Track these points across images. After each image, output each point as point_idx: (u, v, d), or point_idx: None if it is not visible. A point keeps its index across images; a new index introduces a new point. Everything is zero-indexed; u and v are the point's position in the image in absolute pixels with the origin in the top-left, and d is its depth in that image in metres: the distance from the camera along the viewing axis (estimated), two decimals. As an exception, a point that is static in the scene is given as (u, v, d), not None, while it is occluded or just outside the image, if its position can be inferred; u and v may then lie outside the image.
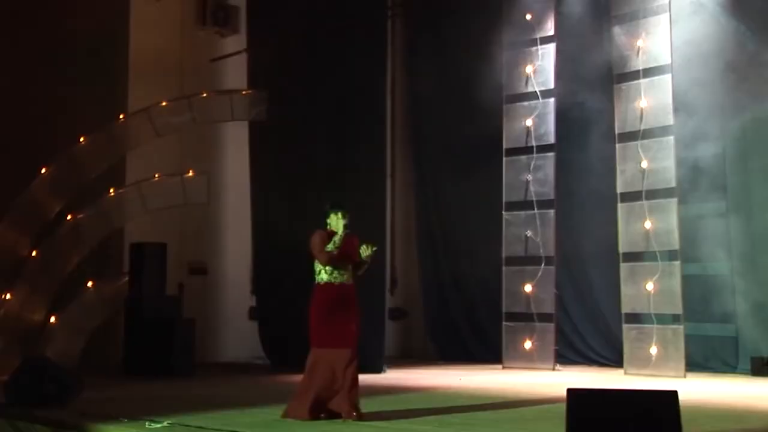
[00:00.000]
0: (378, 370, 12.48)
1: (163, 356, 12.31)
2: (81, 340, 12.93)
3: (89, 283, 13.20)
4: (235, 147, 15.18)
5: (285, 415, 7.76)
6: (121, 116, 13.85)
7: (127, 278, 13.27)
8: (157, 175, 13.67)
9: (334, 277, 7.88)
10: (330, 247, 7.72)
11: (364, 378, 11.73)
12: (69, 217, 13.20)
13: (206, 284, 15.06)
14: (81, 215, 13.22)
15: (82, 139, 13.43)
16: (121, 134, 13.77)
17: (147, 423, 7.49)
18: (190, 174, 13.83)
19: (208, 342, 14.31)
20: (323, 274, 7.88)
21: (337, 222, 7.78)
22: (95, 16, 14.52)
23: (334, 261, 7.76)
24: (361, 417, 7.61)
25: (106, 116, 13.79)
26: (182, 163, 14.35)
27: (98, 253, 13.40)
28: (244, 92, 14.37)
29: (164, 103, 13.78)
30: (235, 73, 15.05)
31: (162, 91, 14.08)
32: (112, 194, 13.54)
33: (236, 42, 15.29)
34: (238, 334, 14.96)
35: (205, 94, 14.15)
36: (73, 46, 14.47)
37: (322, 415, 7.66)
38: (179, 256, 14.36)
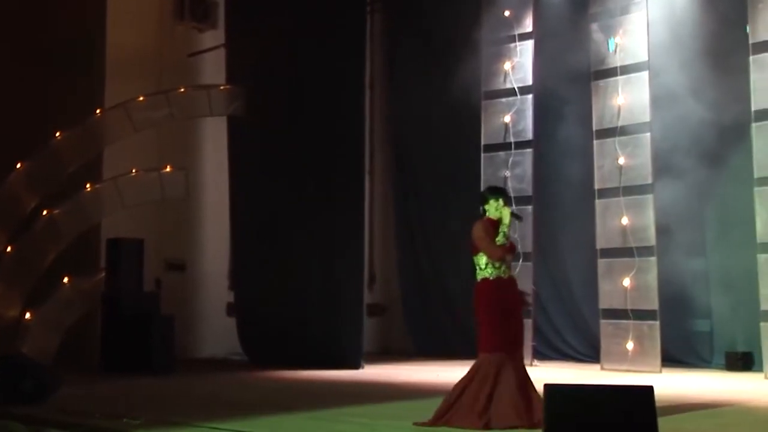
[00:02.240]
0: (356, 366, 12.50)
1: (141, 353, 12.25)
2: (57, 336, 12.83)
3: (65, 279, 13.11)
4: (213, 142, 15.13)
5: (446, 422, 6.81)
6: (98, 111, 13.75)
7: (104, 274, 13.19)
8: (134, 171, 13.58)
9: (503, 271, 6.95)
10: (500, 239, 6.86)
11: (343, 374, 11.84)
12: (45, 212, 13.09)
13: (184, 280, 14.99)
14: (57, 210, 13.12)
15: (58, 134, 13.32)
16: (98, 129, 13.67)
17: (125, 420, 7.47)
18: (168, 169, 13.75)
19: (186, 338, 14.26)
20: (490, 268, 6.94)
21: (498, 209, 6.94)
22: (72, 11, 14.41)
23: (506, 255, 6.92)
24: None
25: (83, 111, 13.68)
26: (160, 159, 14.27)
27: (75, 249, 13.30)
28: (222, 87, 14.31)
29: (142, 98, 13.68)
30: (214, 69, 14.99)
31: (139, 86, 13.99)
32: (89, 189, 13.44)
33: (214, 37, 15.23)
34: (216, 331, 14.92)
35: (183, 89, 14.06)
36: (50, 41, 14.35)
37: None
38: (157, 251, 14.28)
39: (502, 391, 6.67)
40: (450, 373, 12.19)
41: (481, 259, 6.93)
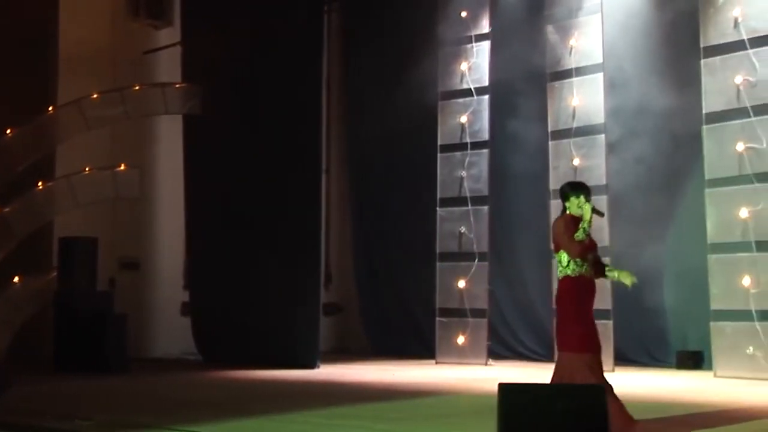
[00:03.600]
0: (312, 365, 12.47)
1: (94, 352, 12.13)
2: (8, 336, 12.67)
3: (16, 279, 12.94)
4: (168, 141, 15.01)
5: None
6: (50, 108, 13.58)
7: (56, 273, 13.04)
8: (87, 169, 13.45)
9: (585, 270, 6.65)
10: (580, 236, 6.56)
11: (298, 374, 11.82)
12: (-4, 210, 12.92)
13: (138, 279, 14.87)
14: (9, 208, 12.95)
15: (9, 131, 13.15)
16: (50, 127, 13.52)
17: (77, 420, 7.38)
18: (122, 168, 13.64)
19: (141, 338, 14.14)
20: (572, 265, 6.63)
21: (579, 205, 6.63)
22: (24, 6, 14.21)
23: (586, 252, 6.66)
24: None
25: (35, 108, 13.51)
26: (114, 157, 14.14)
27: (27, 248, 13.13)
28: (177, 85, 14.22)
29: (95, 96, 13.56)
30: (169, 67, 14.87)
31: (93, 83, 13.85)
32: (42, 187, 13.29)
33: (170, 35, 15.11)
34: (170, 330, 14.81)
35: (137, 87, 13.95)
36: (2, 37, 14.14)
37: None
38: (111, 250, 14.15)
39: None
40: (405, 372, 12.28)
41: (563, 257, 6.66)
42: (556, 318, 6.84)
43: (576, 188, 6.73)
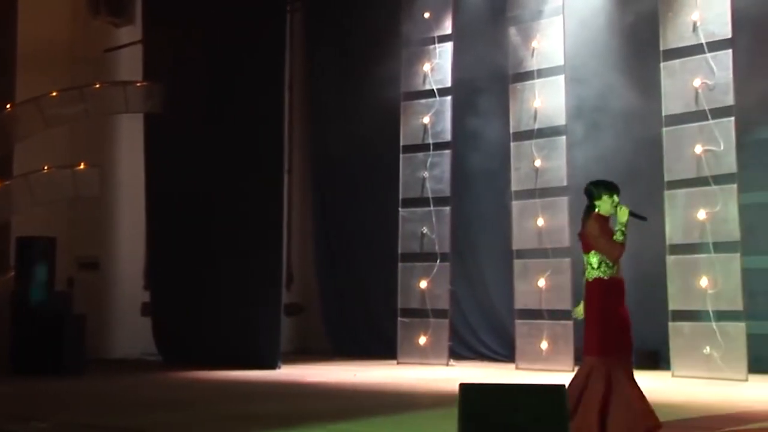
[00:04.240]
0: (273, 366, 12.43)
1: (52, 353, 11.99)
2: (-36, 336, 12.49)
3: (-28, 278, 12.77)
4: (129, 140, 14.87)
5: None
6: (8, 106, 13.40)
7: (13, 273, 12.87)
8: (46, 167, 13.29)
9: (617, 270, 6.51)
10: (619, 237, 6.36)
11: (259, 374, 11.77)
12: (-48, 209, 12.74)
13: (98, 279, 14.72)
14: (-35, 207, 12.78)
15: (-34, 129, 12.98)
16: (8, 125, 13.33)
17: (32, 422, 7.29)
18: (82, 166, 13.49)
19: (100, 338, 14.00)
20: (603, 266, 6.47)
21: (613, 205, 6.45)
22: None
23: (622, 253, 6.44)
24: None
25: (-8, 106, 13.35)
26: (73, 155, 13.99)
27: (-17, 247, 12.98)
28: (138, 84, 14.10)
29: (55, 94, 13.40)
30: (130, 65, 14.73)
31: (52, 81, 13.69)
32: (-1, 186, 13.12)
33: (131, 33, 14.96)
34: (130, 330, 14.68)
35: (98, 85, 13.81)
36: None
37: None
38: (69, 250, 14.01)
39: (619, 399, 6.35)
40: (367, 372, 12.28)
41: (594, 258, 6.45)
42: (585, 321, 6.63)
43: (609, 188, 6.51)
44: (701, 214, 11.47)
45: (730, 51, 11.41)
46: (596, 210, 6.45)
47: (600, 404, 6.30)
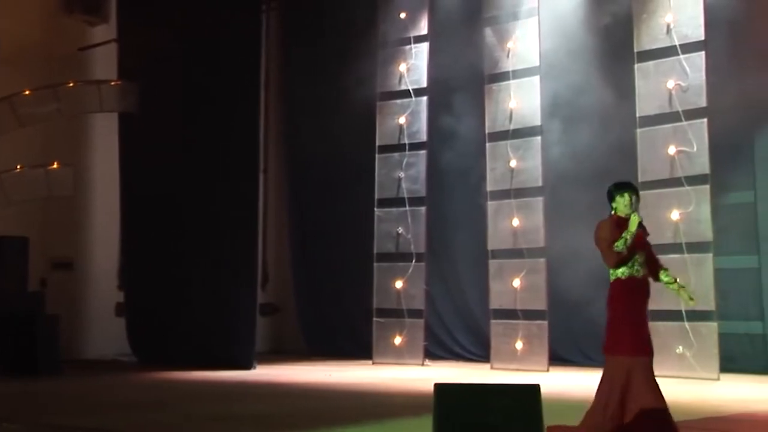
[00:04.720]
0: (248, 366, 12.40)
1: (24, 354, 11.91)
2: (-65, 337, 12.36)
3: (-56, 279, 12.64)
4: (103, 139, 14.79)
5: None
6: (-20, 105, 13.29)
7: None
8: (19, 167, 13.18)
9: (636, 270, 6.45)
10: (620, 246, 6.32)
11: (234, 375, 11.74)
12: (-77, 208, 12.61)
13: (71, 279, 14.63)
14: (-63, 207, 12.65)
15: (-62, 128, 12.84)
16: (-20, 123, 13.22)
17: (3, 424, 7.23)
18: (55, 166, 13.39)
19: (74, 339, 13.92)
20: (622, 266, 6.45)
21: (626, 205, 6.42)
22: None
23: (624, 262, 6.41)
24: None
25: (-36, 105, 13.21)
26: (47, 155, 13.89)
27: (-45, 247, 12.84)
28: (113, 83, 14.01)
29: (28, 92, 13.28)
30: (105, 64, 14.65)
31: (26, 79, 13.58)
32: (-29, 185, 13.00)
33: (106, 31, 14.89)
34: (104, 331, 14.59)
35: (72, 84, 13.71)
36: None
37: None
38: (42, 250, 13.92)
39: (636, 396, 6.34)
40: (342, 372, 12.28)
41: None
42: (606, 321, 6.62)
43: (620, 187, 6.49)
44: (674, 215, 11.56)
45: (703, 53, 11.51)
46: (613, 211, 6.48)
47: (616, 403, 6.34)
